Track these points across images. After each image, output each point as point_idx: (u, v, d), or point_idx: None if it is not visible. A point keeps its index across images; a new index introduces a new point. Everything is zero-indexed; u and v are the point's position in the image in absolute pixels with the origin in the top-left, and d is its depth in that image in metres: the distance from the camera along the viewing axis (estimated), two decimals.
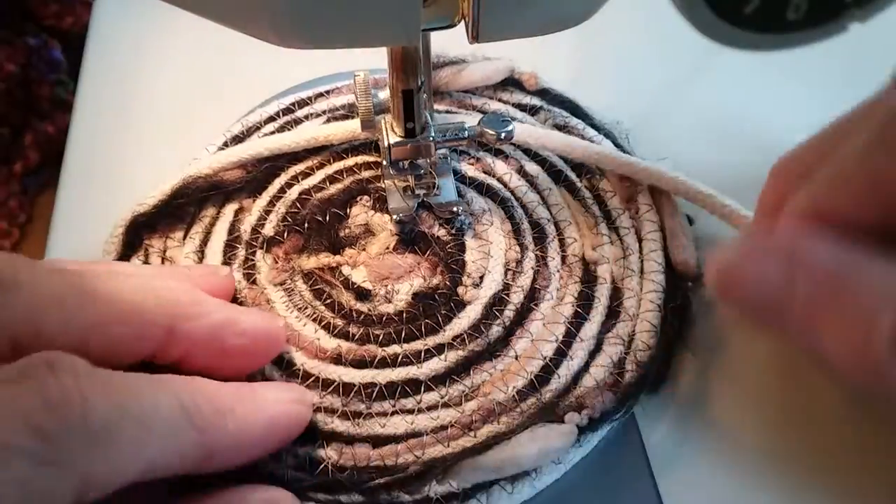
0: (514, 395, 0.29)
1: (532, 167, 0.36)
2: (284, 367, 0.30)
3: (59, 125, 0.41)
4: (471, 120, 0.33)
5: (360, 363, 0.30)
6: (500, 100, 0.38)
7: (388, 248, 0.33)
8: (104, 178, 0.34)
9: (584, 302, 0.32)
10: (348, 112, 0.37)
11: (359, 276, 0.32)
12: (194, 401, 0.23)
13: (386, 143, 0.32)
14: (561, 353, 0.30)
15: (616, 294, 0.32)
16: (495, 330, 0.31)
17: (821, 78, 0.38)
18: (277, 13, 0.22)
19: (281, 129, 0.37)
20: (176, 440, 0.22)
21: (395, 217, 0.33)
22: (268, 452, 0.26)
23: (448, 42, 0.36)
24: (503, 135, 0.32)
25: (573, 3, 0.23)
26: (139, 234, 0.33)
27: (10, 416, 0.19)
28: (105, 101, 0.39)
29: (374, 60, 0.31)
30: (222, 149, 0.36)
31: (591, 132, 0.36)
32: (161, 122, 0.38)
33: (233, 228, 0.34)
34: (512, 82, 0.38)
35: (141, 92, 0.40)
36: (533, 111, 0.37)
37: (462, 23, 0.25)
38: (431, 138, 0.32)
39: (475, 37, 0.24)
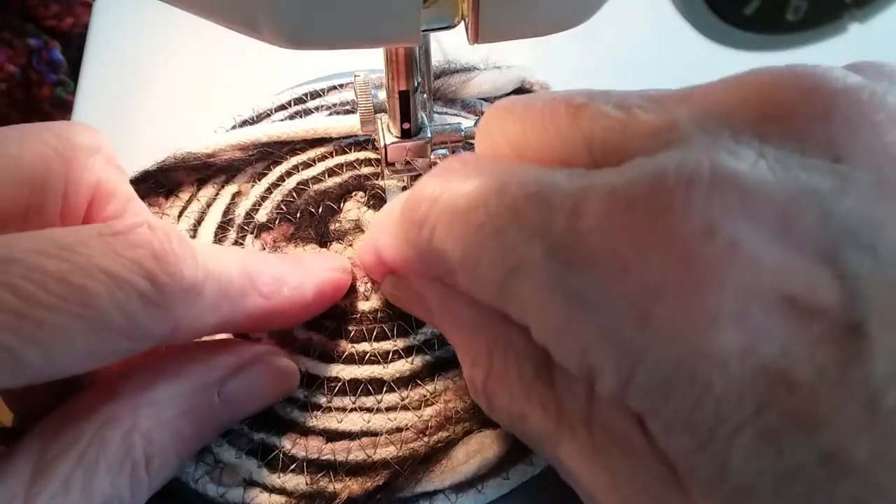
0: (473, 405, 0.29)
1: None
2: None
3: None
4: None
5: (327, 357, 0.30)
6: None
7: None
8: None
9: None
10: (355, 107, 0.37)
11: None
12: (257, 269, 0.26)
13: (382, 144, 0.32)
14: None
15: None
16: None
17: None
18: (277, 14, 0.22)
19: (290, 119, 0.37)
20: (243, 301, 0.26)
21: None
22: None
23: (461, 49, 0.36)
24: None
25: (573, 4, 0.23)
26: None
27: (128, 259, 0.22)
28: (105, 101, 0.39)
29: (375, 60, 0.31)
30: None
31: None
32: (160, 122, 0.38)
33: (228, 211, 0.34)
34: (523, 92, 0.37)
35: (140, 92, 0.40)
36: None
37: (462, 24, 0.24)
38: (428, 139, 0.32)
39: (475, 38, 0.24)
